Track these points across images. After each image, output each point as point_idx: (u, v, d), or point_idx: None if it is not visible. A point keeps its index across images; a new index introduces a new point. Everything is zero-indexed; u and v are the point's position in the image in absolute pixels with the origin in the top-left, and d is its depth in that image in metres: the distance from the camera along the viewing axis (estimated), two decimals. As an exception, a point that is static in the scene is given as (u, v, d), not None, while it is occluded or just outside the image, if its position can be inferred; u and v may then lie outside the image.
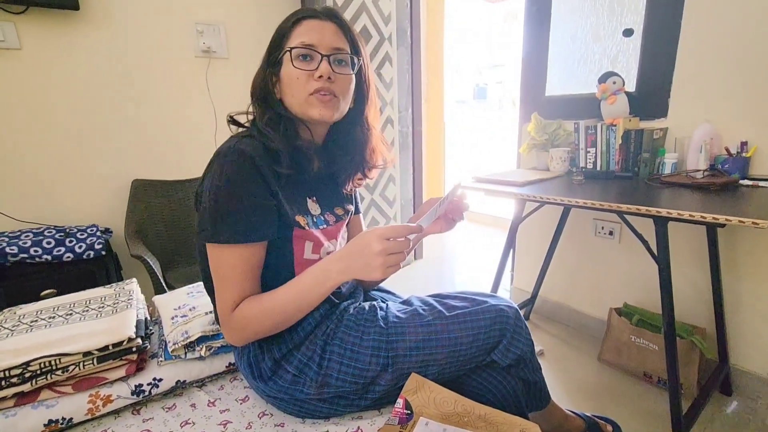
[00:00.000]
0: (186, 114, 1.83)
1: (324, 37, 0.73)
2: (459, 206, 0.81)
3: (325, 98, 0.73)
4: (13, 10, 1.41)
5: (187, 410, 0.80)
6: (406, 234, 0.64)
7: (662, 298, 1.15)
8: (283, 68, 0.74)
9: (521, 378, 0.84)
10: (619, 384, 1.52)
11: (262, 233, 0.70)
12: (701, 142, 1.34)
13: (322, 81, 0.72)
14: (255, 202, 0.68)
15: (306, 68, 0.72)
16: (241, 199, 0.67)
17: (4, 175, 1.49)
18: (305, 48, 0.72)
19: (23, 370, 0.71)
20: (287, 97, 0.75)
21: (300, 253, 0.77)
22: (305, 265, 0.77)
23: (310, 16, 0.74)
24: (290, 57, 0.72)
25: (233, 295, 0.70)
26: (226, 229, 0.67)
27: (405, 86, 2.41)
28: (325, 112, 0.73)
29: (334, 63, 0.74)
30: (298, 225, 0.75)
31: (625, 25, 1.57)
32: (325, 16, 0.75)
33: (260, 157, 0.69)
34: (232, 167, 0.67)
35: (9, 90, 1.46)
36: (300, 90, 0.73)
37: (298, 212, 0.76)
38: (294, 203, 0.76)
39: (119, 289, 0.99)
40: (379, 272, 0.62)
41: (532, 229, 1.97)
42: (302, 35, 0.73)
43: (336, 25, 0.75)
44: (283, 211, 0.73)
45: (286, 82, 0.74)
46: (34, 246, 1.39)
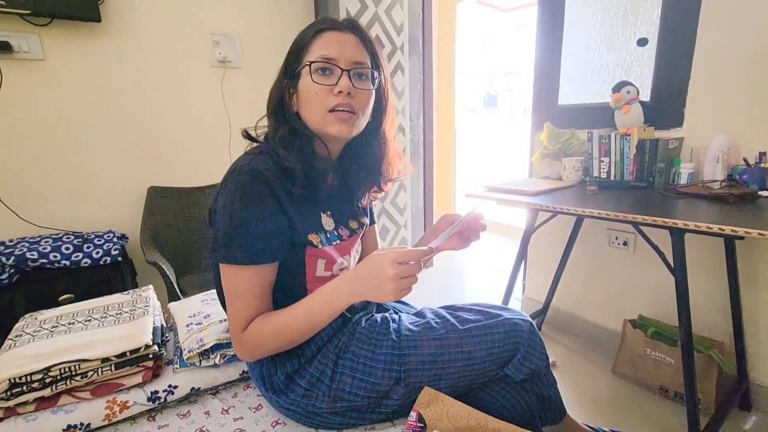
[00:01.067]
0: (201, 123, 1.86)
1: (344, 50, 0.71)
2: (476, 227, 0.80)
3: (343, 116, 0.72)
4: (38, 23, 1.46)
5: (201, 417, 0.81)
6: (419, 258, 0.63)
7: (679, 312, 1.13)
8: (302, 81, 0.73)
9: (535, 392, 0.83)
10: (634, 398, 1.50)
11: (274, 255, 0.70)
12: (718, 152, 1.32)
13: (341, 96, 0.70)
14: (267, 223, 0.68)
15: (325, 83, 0.71)
16: (253, 220, 0.67)
17: (26, 181, 1.53)
18: (325, 61, 0.70)
19: (44, 375, 0.72)
20: (304, 111, 0.74)
21: (312, 271, 0.77)
22: (318, 283, 0.77)
23: (330, 27, 0.72)
24: (309, 71, 0.71)
25: (245, 314, 0.70)
26: (238, 250, 0.67)
27: (416, 95, 2.42)
28: (344, 129, 0.72)
29: (354, 77, 0.72)
30: (310, 244, 0.75)
31: (639, 35, 1.56)
32: (346, 27, 0.73)
33: (274, 175, 0.69)
34: (245, 187, 0.67)
35: (32, 99, 1.50)
36: (318, 105, 0.71)
37: (311, 230, 0.75)
38: (307, 220, 0.76)
39: (136, 296, 1.01)
40: (391, 296, 0.62)
41: (545, 238, 1.96)
42: (322, 48, 0.71)
43: (357, 37, 0.74)
44: (295, 230, 0.73)
45: (303, 95, 0.73)
46: (54, 251, 1.42)
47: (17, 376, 0.70)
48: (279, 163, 0.71)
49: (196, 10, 1.77)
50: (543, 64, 1.87)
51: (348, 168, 0.83)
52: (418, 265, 0.64)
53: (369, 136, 0.81)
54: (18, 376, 0.70)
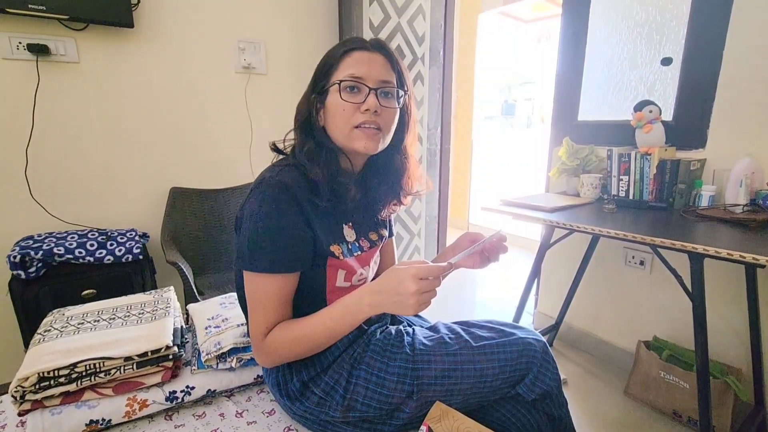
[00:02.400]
0: (224, 127, 1.91)
1: (372, 70, 0.74)
2: (497, 248, 0.81)
3: (370, 131, 0.74)
4: (75, 27, 1.52)
5: (216, 419, 0.83)
6: (439, 274, 0.64)
7: (696, 338, 1.11)
8: (330, 98, 0.75)
9: (546, 413, 0.83)
10: (647, 421, 1.47)
11: (296, 264, 0.72)
12: (741, 176, 1.30)
13: (368, 114, 0.73)
14: (292, 233, 0.70)
15: (353, 101, 0.73)
16: (279, 230, 0.69)
17: (56, 178, 1.59)
18: (353, 80, 0.73)
19: (70, 371, 0.75)
20: (331, 127, 0.76)
21: (332, 281, 0.79)
22: (337, 293, 0.79)
23: (359, 47, 0.75)
24: (338, 89, 0.73)
25: (266, 321, 0.72)
26: (262, 258, 0.69)
27: (435, 105, 2.44)
28: (370, 145, 0.75)
29: (381, 96, 0.74)
30: (332, 255, 0.76)
31: (663, 54, 1.55)
32: (374, 47, 0.76)
33: (300, 188, 0.71)
34: (271, 198, 0.69)
35: (66, 100, 1.56)
36: (345, 122, 0.74)
37: (333, 241, 0.77)
38: (330, 232, 0.78)
39: (158, 296, 1.04)
40: (411, 310, 0.63)
41: (559, 253, 1.94)
42: (351, 67, 0.73)
43: (384, 57, 0.76)
44: (318, 241, 0.75)
45: (331, 111, 0.75)
46: (79, 247, 1.47)
47: (45, 371, 0.74)
48: (305, 176, 0.73)
49: (224, 18, 1.82)
50: (564, 79, 1.87)
51: (370, 181, 0.85)
52: (438, 280, 0.65)
53: (391, 150, 0.83)
54: (46, 371, 0.74)
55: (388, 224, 0.97)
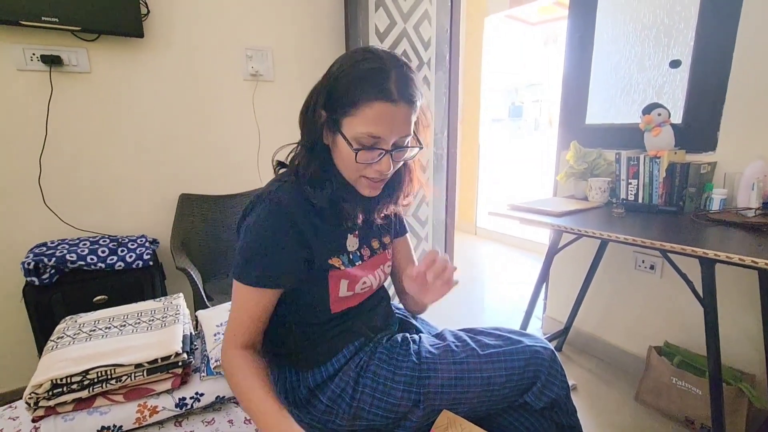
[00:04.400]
0: (232, 133, 1.93)
1: (393, 127, 0.67)
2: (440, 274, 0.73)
3: (376, 184, 0.74)
4: (87, 38, 1.55)
5: (225, 426, 0.84)
6: None
7: (708, 343, 1.10)
8: (342, 141, 0.69)
9: (555, 421, 0.82)
10: (659, 428, 1.45)
11: (278, 283, 0.72)
12: (753, 179, 1.29)
13: (379, 173, 0.71)
14: (280, 253, 0.70)
15: (366, 160, 0.69)
16: (268, 248, 0.70)
17: (68, 186, 1.61)
18: (372, 139, 0.68)
19: (82, 378, 0.76)
20: (338, 162, 0.74)
21: (335, 291, 0.78)
22: (341, 303, 0.79)
23: (385, 98, 0.65)
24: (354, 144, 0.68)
25: (240, 330, 0.73)
26: (249, 272, 0.70)
27: (442, 109, 2.44)
28: (374, 193, 0.75)
29: (395, 152, 0.71)
30: (332, 267, 0.76)
31: (672, 56, 1.54)
32: (401, 99, 0.66)
33: (298, 206, 0.70)
34: (266, 216, 0.70)
35: (78, 110, 1.59)
36: (353, 170, 0.72)
37: (333, 254, 0.77)
38: (330, 245, 0.77)
39: (167, 303, 1.05)
40: None
41: (568, 257, 1.93)
42: (371, 123, 0.66)
43: (409, 107, 0.68)
44: (316, 257, 0.74)
45: (341, 152, 0.71)
46: (91, 254, 1.49)
47: (58, 378, 0.75)
48: (306, 193, 0.72)
49: (232, 26, 1.84)
50: (571, 82, 1.86)
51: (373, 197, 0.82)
52: None
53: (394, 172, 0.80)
54: (59, 378, 0.75)
55: (398, 223, 0.95)
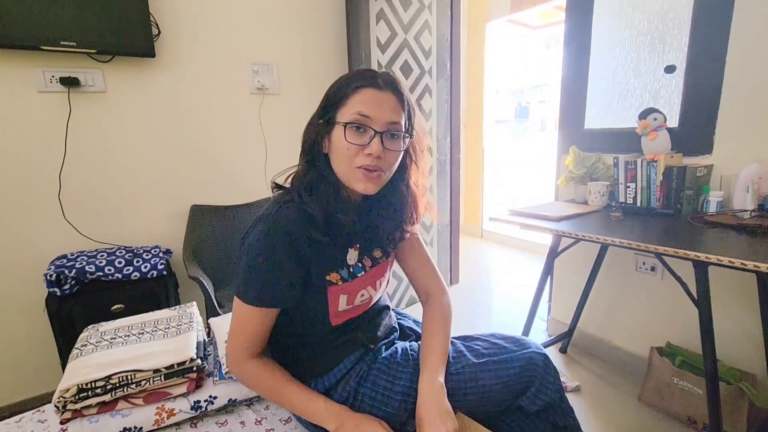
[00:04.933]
0: (240, 146, 2.00)
1: (381, 110, 0.73)
2: None
3: (371, 174, 0.74)
4: (102, 59, 1.63)
5: (237, 427, 0.89)
6: None
7: (703, 344, 1.12)
8: (335, 133, 0.75)
9: (551, 422, 0.85)
10: (661, 427, 1.47)
11: (277, 302, 0.77)
12: (748, 182, 1.31)
13: (371, 158, 0.73)
14: (278, 273, 0.74)
15: (357, 142, 0.73)
16: (266, 269, 0.73)
17: (85, 200, 1.69)
18: (361, 118, 0.73)
19: (105, 383, 0.82)
20: (334, 160, 0.77)
21: (335, 306, 0.81)
22: (340, 317, 0.82)
23: (371, 84, 0.74)
24: (344, 127, 0.73)
25: (247, 343, 0.78)
26: (249, 291, 0.75)
27: (444, 116, 2.49)
28: (369, 187, 0.76)
29: (386, 137, 0.74)
30: (330, 283, 0.79)
31: (667, 62, 1.57)
32: (386, 86, 0.74)
33: (297, 226, 0.73)
34: (264, 237, 0.72)
35: (95, 127, 1.67)
36: (347, 161, 0.74)
37: (331, 270, 0.79)
38: (329, 261, 0.79)
39: (182, 312, 1.11)
40: None
41: (571, 260, 1.96)
42: (360, 104, 0.73)
43: (395, 97, 0.75)
44: (314, 275, 0.78)
45: (335, 146, 0.75)
46: (108, 265, 1.56)
47: (83, 383, 0.81)
48: (304, 211, 0.74)
49: (238, 42, 1.91)
50: (569, 87, 1.90)
51: (371, 208, 0.85)
52: None
53: (392, 187, 0.83)
54: (84, 383, 0.81)
55: None
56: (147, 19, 1.62)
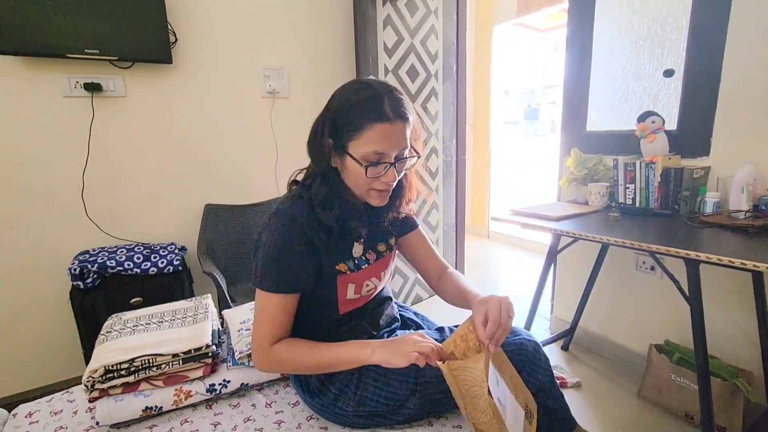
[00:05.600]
0: (252, 148, 2.08)
1: (393, 143, 0.78)
2: None
3: (384, 194, 0.83)
4: (123, 66, 1.72)
5: (248, 409, 0.96)
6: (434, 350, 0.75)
7: (695, 339, 1.16)
8: (348, 159, 0.79)
9: (542, 405, 0.90)
10: (660, 423, 1.51)
11: (297, 287, 0.83)
12: (743, 183, 1.34)
13: (385, 185, 0.81)
14: (295, 262, 0.81)
15: (372, 175, 0.79)
16: (284, 258, 0.80)
17: (106, 199, 1.79)
18: (375, 156, 0.78)
19: (129, 365, 0.90)
20: (347, 179, 0.83)
21: (343, 294, 0.89)
22: (348, 305, 0.89)
23: (384, 120, 0.76)
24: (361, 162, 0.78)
25: (272, 332, 0.83)
26: (269, 280, 0.81)
27: (450, 118, 2.54)
28: (381, 203, 0.85)
29: (398, 164, 0.81)
30: (339, 272, 0.87)
31: (665, 66, 1.61)
32: (396, 117, 0.77)
33: (307, 221, 0.81)
34: (280, 228, 0.80)
35: (116, 130, 1.76)
36: (362, 185, 0.81)
37: (340, 261, 0.87)
38: (337, 253, 0.87)
39: (197, 303, 1.19)
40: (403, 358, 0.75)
41: (573, 260, 2.00)
42: (374, 143, 0.76)
43: (404, 124, 0.79)
44: (324, 264, 0.85)
45: (349, 171, 0.81)
46: (127, 260, 1.65)
47: (110, 364, 0.89)
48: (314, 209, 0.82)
49: (250, 48, 2.00)
50: (571, 90, 1.94)
51: None
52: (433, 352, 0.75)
53: None
54: (111, 364, 0.89)
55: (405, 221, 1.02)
56: (165, 27, 1.71)
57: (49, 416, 0.93)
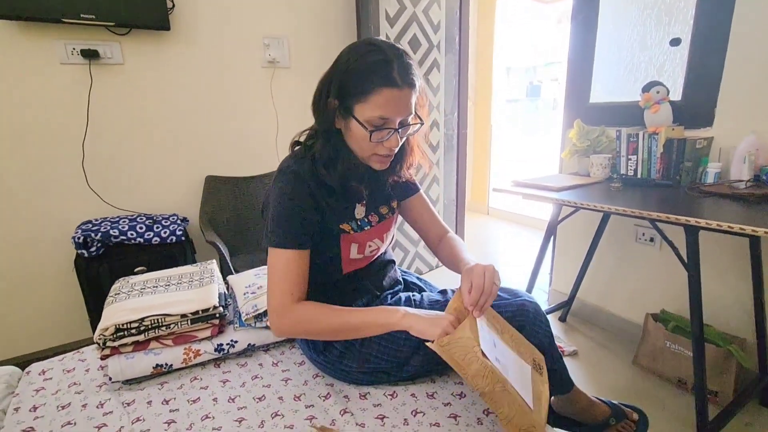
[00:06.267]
0: (252, 119, 2.06)
1: (399, 109, 0.78)
2: None
3: (386, 159, 0.84)
4: (119, 32, 1.69)
5: (256, 367, 0.98)
6: None
7: (691, 305, 1.19)
8: (354, 123, 0.79)
9: (541, 365, 0.94)
10: (653, 388, 1.55)
11: (306, 242, 0.83)
12: (745, 153, 1.35)
13: (388, 149, 0.82)
14: (303, 216, 0.82)
15: (376, 139, 0.79)
16: (295, 213, 0.81)
17: (108, 169, 1.78)
18: (381, 121, 0.78)
19: (139, 324, 0.92)
20: (351, 142, 0.83)
21: (347, 253, 0.90)
22: (351, 264, 0.90)
23: (392, 85, 0.75)
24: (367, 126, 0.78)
25: (290, 287, 0.82)
26: (279, 234, 0.81)
27: (452, 91, 2.51)
28: (383, 167, 0.86)
29: (402, 129, 0.81)
30: (343, 231, 0.88)
31: (672, 35, 1.58)
32: (404, 83, 0.76)
33: (313, 178, 0.82)
34: (287, 186, 0.81)
35: (115, 99, 1.74)
36: (366, 148, 0.82)
37: (344, 220, 0.88)
38: (341, 212, 0.88)
39: (203, 268, 1.20)
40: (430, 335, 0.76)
41: (572, 232, 2.02)
42: (381, 107, 0.76)
43: (411, 90, 0.78)
44: (329, 222, 0.86)
45: (353, 133, 0.81)
46: (130, 230, 1.66)
47: (120, 323, 0.90)
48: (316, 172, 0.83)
49: (250, 16, 1.95)
50: (576, 62, 1.91)
51: None
52: None
53: None
54: (121, 323, 0.90)
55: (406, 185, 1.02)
56: (162, -8, 1.67)
57: (62, 373, 0.96)
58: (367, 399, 0.87)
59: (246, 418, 0.81)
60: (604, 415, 1.05)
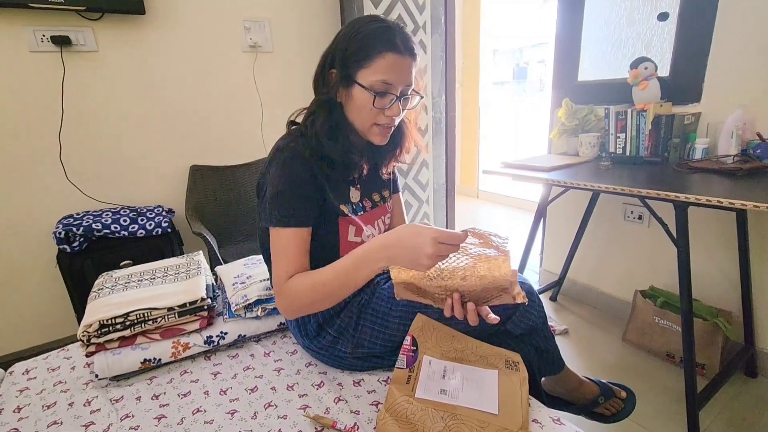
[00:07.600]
0: (235, 105, 2.00)
1: (402, 75, 0.78)
2: None
3: (386, 131, 0.84)
4: (91, 17, 1.61)
5: (247, 358, 0.97)
6: (459, 243, 0.67)
7: (680, 280, 1.20)
8: (357, 90, 0.79)
9: (534, 345, 0.94)
10: (642, 363, 1.58)
11: (308, 220, 0.81)
12: (733, 128, 1.35)
13: (390, 119, 0.81)
14: (303, 194, 0.80)
15: (379, 106, 0.79)
16: (294, 190, 0.79)
17: (86, 161, 1.72)
18: (384, 86, 0.77)
19: (124, 319, 0.89)
20: (352, 113, 0.82)
21: (345, 235, 0.89)
22: (350, 246, 0.87)
23: (394, 49, 0.76)
24: (370, 91, 0.77)
25: (287, 268, 0.80)
26: (279, 213, 0.79)
27: (439, 73, 2.47)
28: (383, 140, 0.85)
29: (403, 99, 0.81)
30: (341, 212, 0.87)
31: (660, 9, 1.56)
32: (406, 50, 0.78)
33: (311, 155, 0.80)
34: (287, 163, 0.79)
35: (90, 87, 1.67)
36: (366, 118, 0.81)
37: (341, 201, 0.87)
38: (339, 193, 0.87)
39: (189, 259, 1.17)
40: (423, 268, 0.68)
41: (562, 213, 2.02)
42: (384, 72, 0.76)
43: (412, 60, 0.79)
44: (329, 200, 0.84)
45: (356, 104, 0.80)
46: (114, 223, 1.61)
47: (104, 319, 0.88)
48: (316, 147, 0.81)
49: (229, -2, 1.88)
50: (563, 40, 1.89)
51: (377, 148, 0.92)
52: (456, 247, 0.67)
53: None
54: (105, 319, 0.88)
55: (393, 182, 1.04)
56: (134, -27, 1.60)
57: (46, 372, 0.93)
58: (361, 386, 0.86)
59: (238, 410, 0.80)
60: (593, 394, 1.06)
